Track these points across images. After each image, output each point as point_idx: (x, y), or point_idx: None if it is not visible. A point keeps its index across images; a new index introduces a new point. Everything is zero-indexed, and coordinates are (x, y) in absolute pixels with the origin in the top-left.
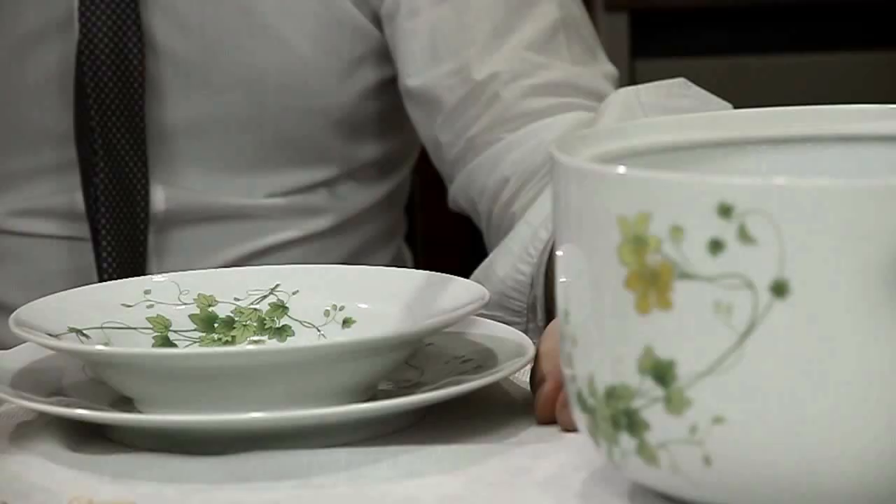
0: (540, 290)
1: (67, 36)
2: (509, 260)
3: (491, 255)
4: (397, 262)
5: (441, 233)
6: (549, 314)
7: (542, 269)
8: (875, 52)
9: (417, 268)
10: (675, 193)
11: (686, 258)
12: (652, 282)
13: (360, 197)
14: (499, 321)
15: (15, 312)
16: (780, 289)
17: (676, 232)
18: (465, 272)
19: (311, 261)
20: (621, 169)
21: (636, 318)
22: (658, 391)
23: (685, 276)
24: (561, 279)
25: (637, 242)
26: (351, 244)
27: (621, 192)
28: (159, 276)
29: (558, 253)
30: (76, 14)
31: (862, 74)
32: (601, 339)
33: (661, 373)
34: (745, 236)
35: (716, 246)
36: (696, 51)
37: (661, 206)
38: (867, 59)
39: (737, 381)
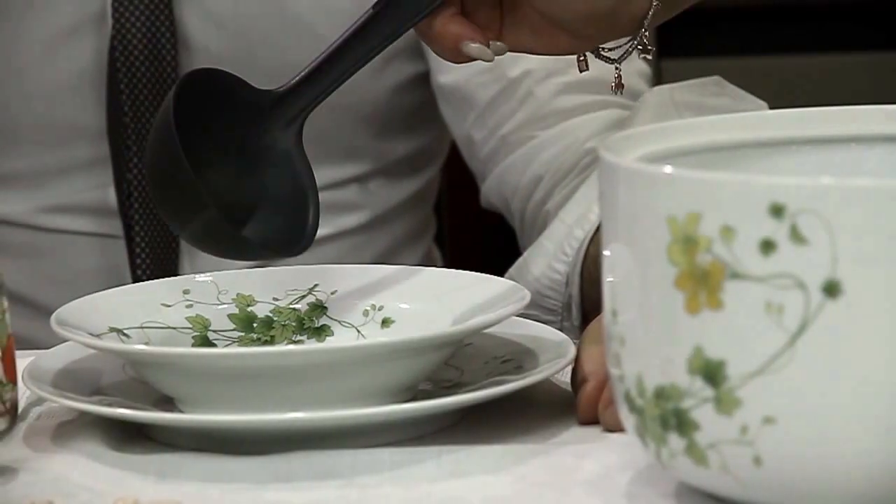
0: (575, 289)
1: (100, 31)
2: (544, 258)
3: (525, 254)
4: (427, 262)
5: (468, 234)
6: (585, 313)
7: (578, 268)
8: None
9: (446, 268)
10: (726, 193)
11: (737, 258)
12: (702, 282)
13: (391, 193)
14: (533, 320)
15: (56, 312)
16: (831, 289)
17: (727, 232)
18: (492, 273)
19: (343, 259)
20: (672, 169)
21: (686, 318)
22: (708, 391)
23: (736, 276)
24: (608, 279)
25: (687, 242)
26: (382, 243)
27: (671, 193)
28: (198, 275)
29: (605, 253)
30: (109, 9)
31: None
32: (650, 339)
33: (712, 373)
34: (796, 236)
35: (767, 246)
36: (724, 50)
37: (712, 206)
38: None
39: (788, 382)
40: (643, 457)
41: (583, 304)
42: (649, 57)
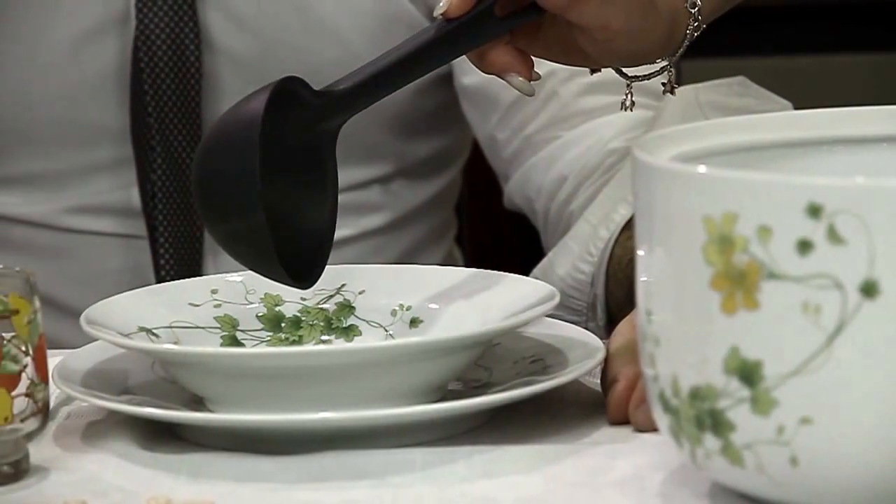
0: (600, 289)
1: (124, 32)
2: (569, 259)
3: (550, 254)
4: (448, 263)
5: (489, 234)
6: (609, 313)
7: (603, 268)
8: None
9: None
10: (763, 194)
11: (774, 258)
12: (738, 282)
13: (413, 194)
14: (558, 320)
15: (85, 311)
16: (869, 289)
17: (764, 232)
18: (513, 273)
19: (365, 260)
20: (709, 169)
21: (722, 318)
22: (744, 391)
23: (773, 276)
24: (642, 279)
25: (723, 242)
26: (404, 243)
27: (707, 193)
28: (227, 275)
29: (639, 252)
30: (133, 10)
31: None
32: (685, 340)
33: (748, 373)
34: (834, 236)
35: (804, 246)
36: (745, 50)
37: (749, 206)
38: None
39: (825, 382)
40: (675, 457)
41: (608, 304)
42: (673, 95)
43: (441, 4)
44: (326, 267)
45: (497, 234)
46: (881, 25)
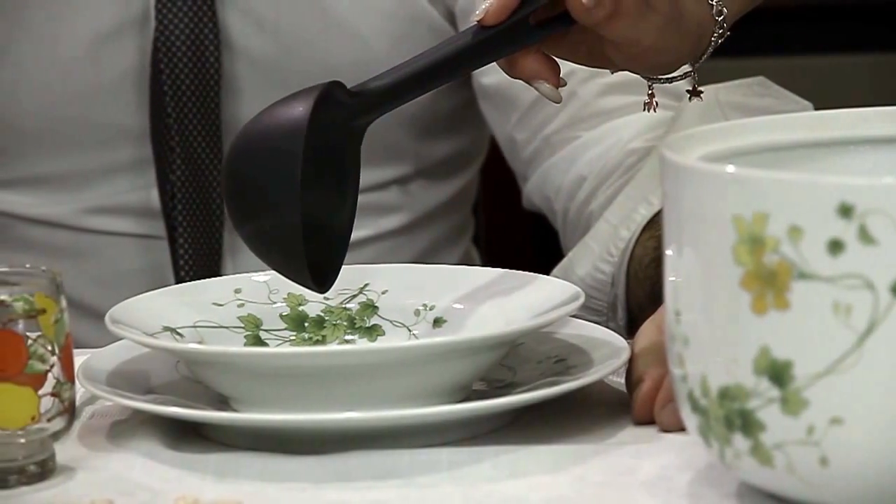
0: (621, 290)
1: (144, 33)
2: (589, 259)
3: (570, 255)
4: (466, 262)
5: (505, 234)
6: (630, 313)
7: (623, 269)
8: None
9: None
10: (794, 193)
11: (805, 258)
12: (769, 282)
13: (431, 195)
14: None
15: (110, 311)
16: None
17: (795, 232)
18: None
19: (382, 260)
20: (739, 169)
21: (752, 318)
22: (774, 392)
23: (804, 276)
24: (670, 278)
25: (754, 242)
26: (421, 243)
27: (739, 192)
28: (249, 274)
29: (667, 252)
30: (153, 11)
31: None
32: (714, 340)
33: (778, 373)
34: (865, 237)
35: (835, 246)
36: (762, 50)
37: (780, 206)
38: None
39: (855, 382)
40: (701, 457)
41: (628, 304)
42: (700, 98)
43: (478, 12)
44: (350, 267)
45: (514, 233)
46: None
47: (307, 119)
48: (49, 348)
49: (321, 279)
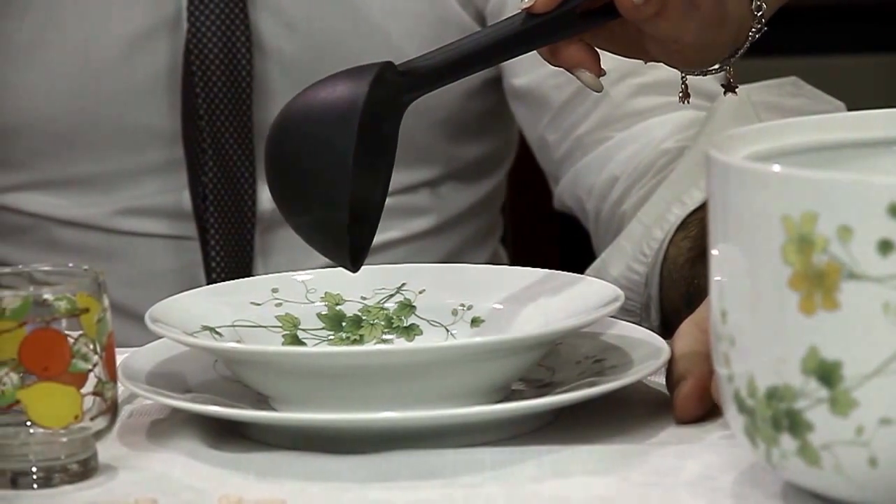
0: (654, 290)
1: (176, 35)
2: (623, 259)
3: (603, 255)
4: (494, 263)
5: (532, 234)
6: (663, 314)
7: (657, 269)
8: None
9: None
10: (844, 194)
11: (854, 259)
12: (818, 282)
13: (461, 197)
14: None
15: (149, 310)
16: None
17: (845, 232)
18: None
19: (411, 261)
20: (788, 169)
21: (800, 318)
22: (823, 392)
23: (853, 276)
24: (716, 278)
25: (802, 242)
26: (450, 245)
27: (787, 192)
28: (287, 274)
29: (713, 252)
30: (185, 13)
31: None
32: (762, 340)
33: (827, 374)
34: None
35: (886, 246)
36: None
37: (829, 206)
38: None
39: None
40: (744, 457)
41: (662, 304)
42: (735, 94)
43: (526, 0)
44: (387, 266)
45: (540, 234)
46: None
47: (363, 102)
48: (91, 347)
49: (354, 257)
